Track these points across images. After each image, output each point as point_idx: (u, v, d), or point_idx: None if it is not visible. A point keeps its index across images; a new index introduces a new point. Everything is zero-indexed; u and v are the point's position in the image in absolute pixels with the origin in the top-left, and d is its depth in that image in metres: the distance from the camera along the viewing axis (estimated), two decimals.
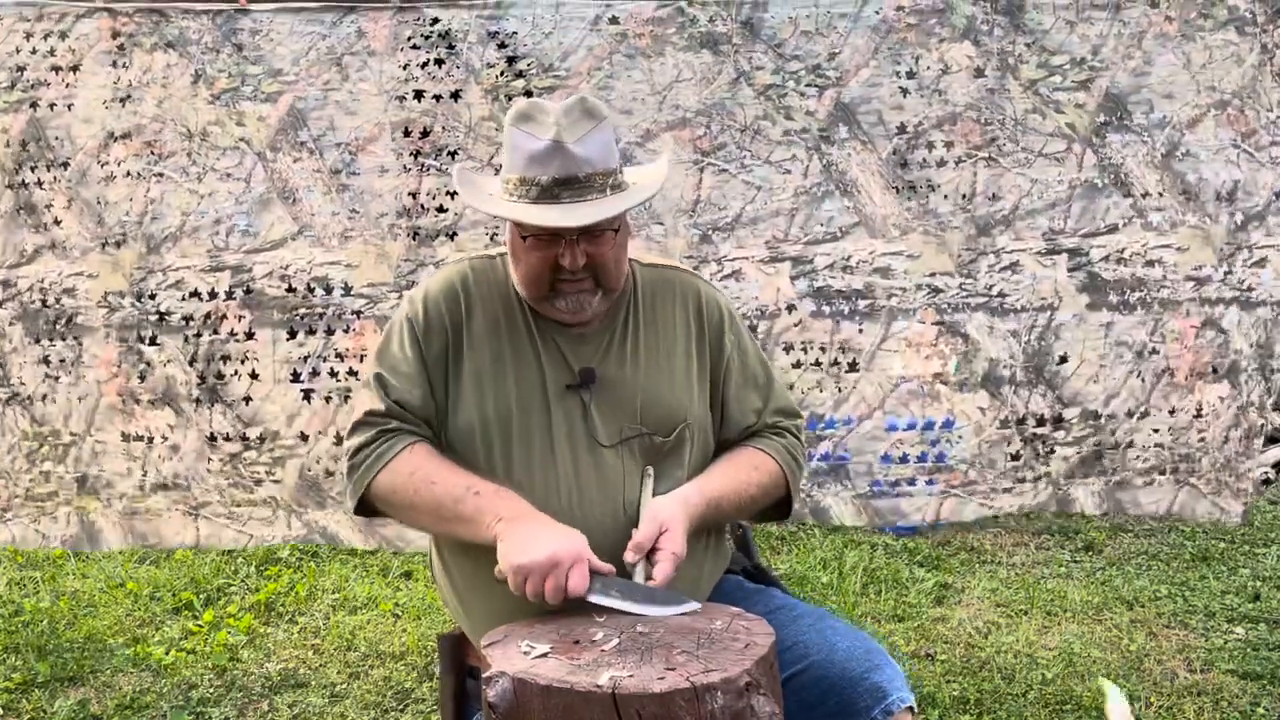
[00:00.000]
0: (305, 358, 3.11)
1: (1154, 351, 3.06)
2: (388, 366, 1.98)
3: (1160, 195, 3.03)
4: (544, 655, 1.60)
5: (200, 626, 3.87)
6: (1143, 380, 3.08)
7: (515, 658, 1.60)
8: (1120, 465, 3.17)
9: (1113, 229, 3.03)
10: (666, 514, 1.85)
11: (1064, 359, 3.06)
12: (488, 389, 1.94)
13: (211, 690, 3.40)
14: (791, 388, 3.06)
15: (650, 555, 1.81)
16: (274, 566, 4.45)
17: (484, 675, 1.58)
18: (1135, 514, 3.24)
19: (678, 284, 2.08)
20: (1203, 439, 3.19)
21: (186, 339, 3.10)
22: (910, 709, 1.82)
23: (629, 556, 1.81)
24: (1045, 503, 3.18)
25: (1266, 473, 3.62)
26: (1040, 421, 3.09)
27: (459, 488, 1.87)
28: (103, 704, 3.31)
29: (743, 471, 2.01)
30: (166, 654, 3.62)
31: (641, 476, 1.94)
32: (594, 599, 1.75)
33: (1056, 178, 3.03)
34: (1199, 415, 3.12)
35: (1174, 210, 3.04)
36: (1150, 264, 3.04)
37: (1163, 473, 3.20)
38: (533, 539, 1.76)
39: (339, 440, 2.97)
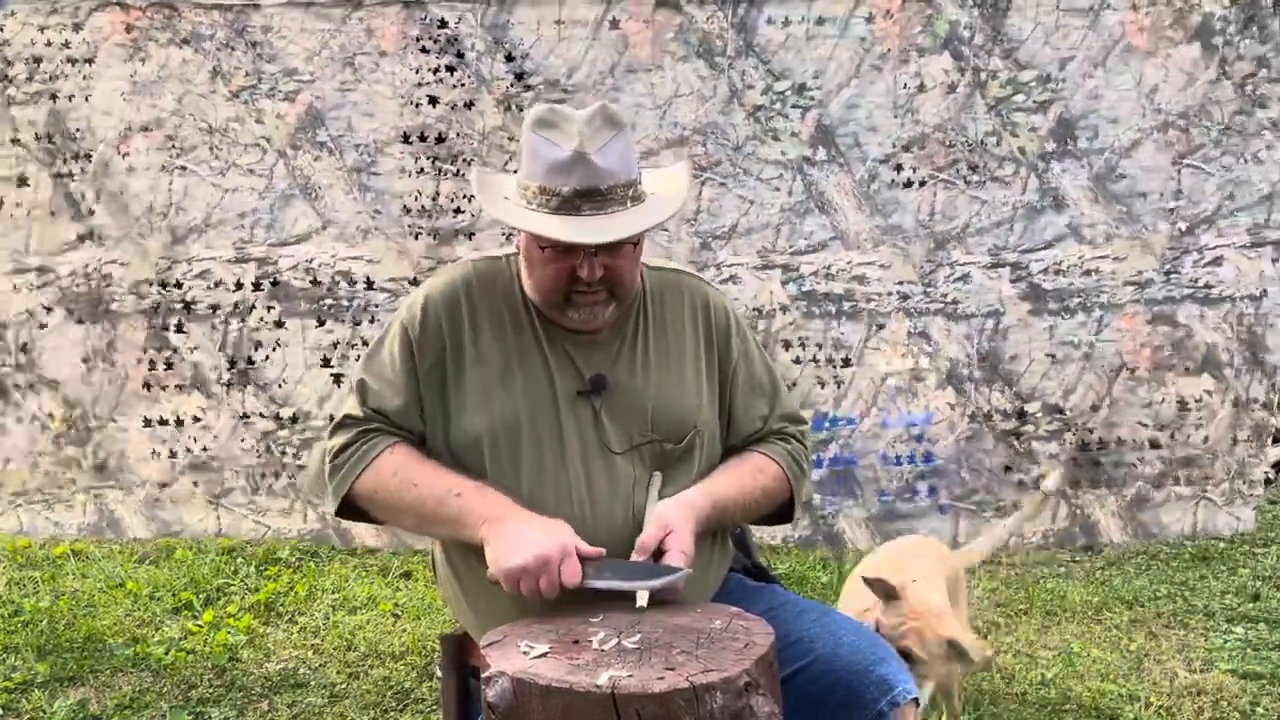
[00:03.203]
0: (335, 344, 3.21)
1: (1100, 350, 3.43)
2: (374, 372, 1.97)
3: (1096, 212, 3.39)
4: (543, 655, 1.60)
5: (200, 626, 3.86)
6: (1098, 375, 3.44)
7: (514, 658, 1.60)
8: (1130, 475, 3.51)
9: (1049, 244, 3.42)
10: (671, 516, 1.85)
11: (1014, 357, 3.44)
12: (495, 396, 1.93)
13: (211, 690, 3.40)
14: (795, 385, 3.24)
15: (657, 557, 1.81)
16: (274, 566, 4.44)
17: (483, 675, 1.59)
18: (1161, 537, 3.54)
19: (685, 289, 2.08)
20: (1206, 439, 3.28)
21: (214, 326, 3.20)
22: (915, 700, 1.82)
23: (635, 559, 1.81)
24: (1069, 528, 3.55)
25: (1267, 472, 3.64)
26: (1005, 416, 3.46)
27: (440, 489, 1.86)
28: (102, 704, 3.31)
29: (747, 476, 2.01)
30: (166, 654, 3.62)
31: (649, 481, 1.94)
32: (590, 584, 1.75)
33: (1002, 199, 3.40)
34: (1184, 408, 3.41)
35: (1109, 225, 3.39)
36: (1087, 273, 3.41)
37: (1177, 482, 3.42)
38: (519, 540, 1.76)
39: None
